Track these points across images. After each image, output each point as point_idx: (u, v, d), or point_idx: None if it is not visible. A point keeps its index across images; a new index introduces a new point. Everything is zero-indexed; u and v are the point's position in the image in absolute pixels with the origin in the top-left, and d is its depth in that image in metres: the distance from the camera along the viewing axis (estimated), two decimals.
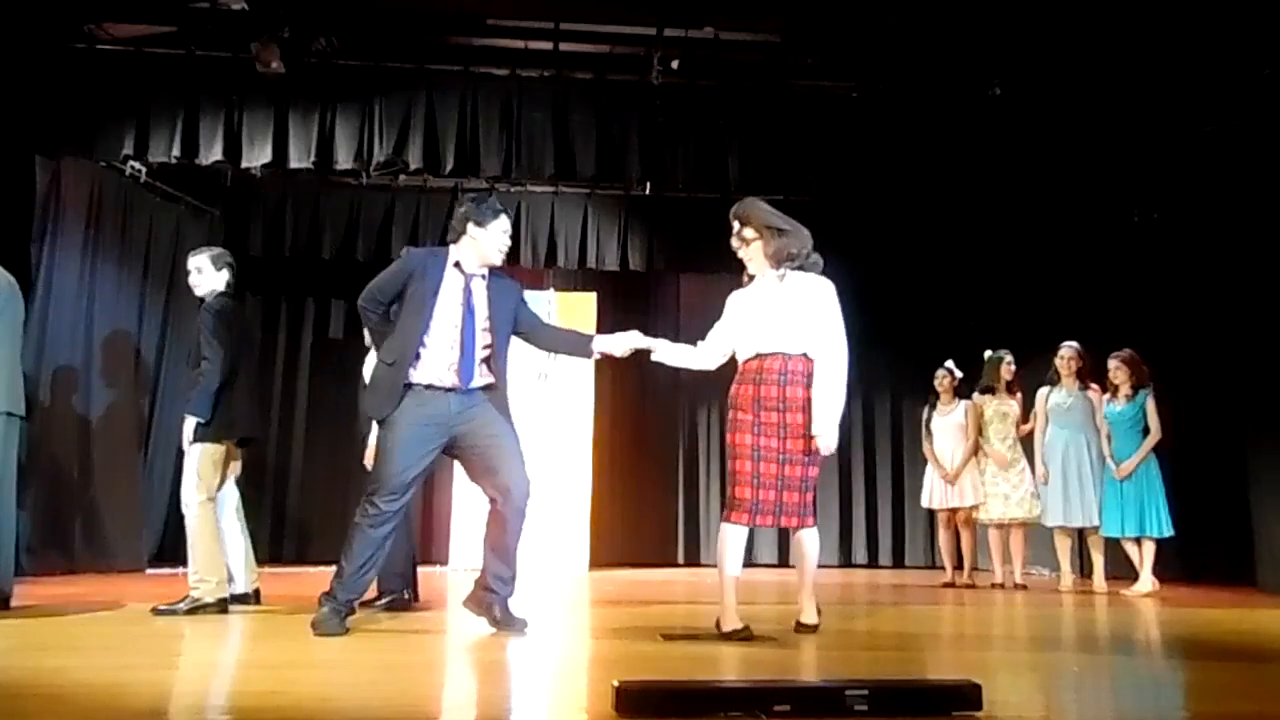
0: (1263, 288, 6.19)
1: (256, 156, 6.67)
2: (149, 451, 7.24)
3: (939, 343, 7.58)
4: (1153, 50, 6.19)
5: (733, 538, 3.63)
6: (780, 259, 3.71)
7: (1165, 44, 6.10)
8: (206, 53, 6.54)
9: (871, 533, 9.35)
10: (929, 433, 7.03)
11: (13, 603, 4.23)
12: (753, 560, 7.13)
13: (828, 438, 3.59)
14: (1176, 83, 6.45)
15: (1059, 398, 6.48)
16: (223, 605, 4.29)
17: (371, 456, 4.15)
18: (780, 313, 3.67)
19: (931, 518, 8.08)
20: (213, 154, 6.60)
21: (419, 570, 4.84)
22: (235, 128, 6.62)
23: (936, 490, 6.94)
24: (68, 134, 6.52)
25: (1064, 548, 6.49)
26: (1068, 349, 6.51)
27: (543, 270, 8.54)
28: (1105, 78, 6.59)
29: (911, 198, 7.39)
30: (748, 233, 3.76)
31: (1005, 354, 6.87)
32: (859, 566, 9.15)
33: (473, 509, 3.83)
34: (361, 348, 4.90)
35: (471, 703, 2.59)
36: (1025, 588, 6.40)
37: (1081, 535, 6.56)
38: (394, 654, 3.29)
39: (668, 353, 3.97)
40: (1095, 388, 6.43)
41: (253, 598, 4.66)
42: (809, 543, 3.78)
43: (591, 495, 8.10)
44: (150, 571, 6.81)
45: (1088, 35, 6.15)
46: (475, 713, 2.43)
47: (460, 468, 3.92)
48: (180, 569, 4.64)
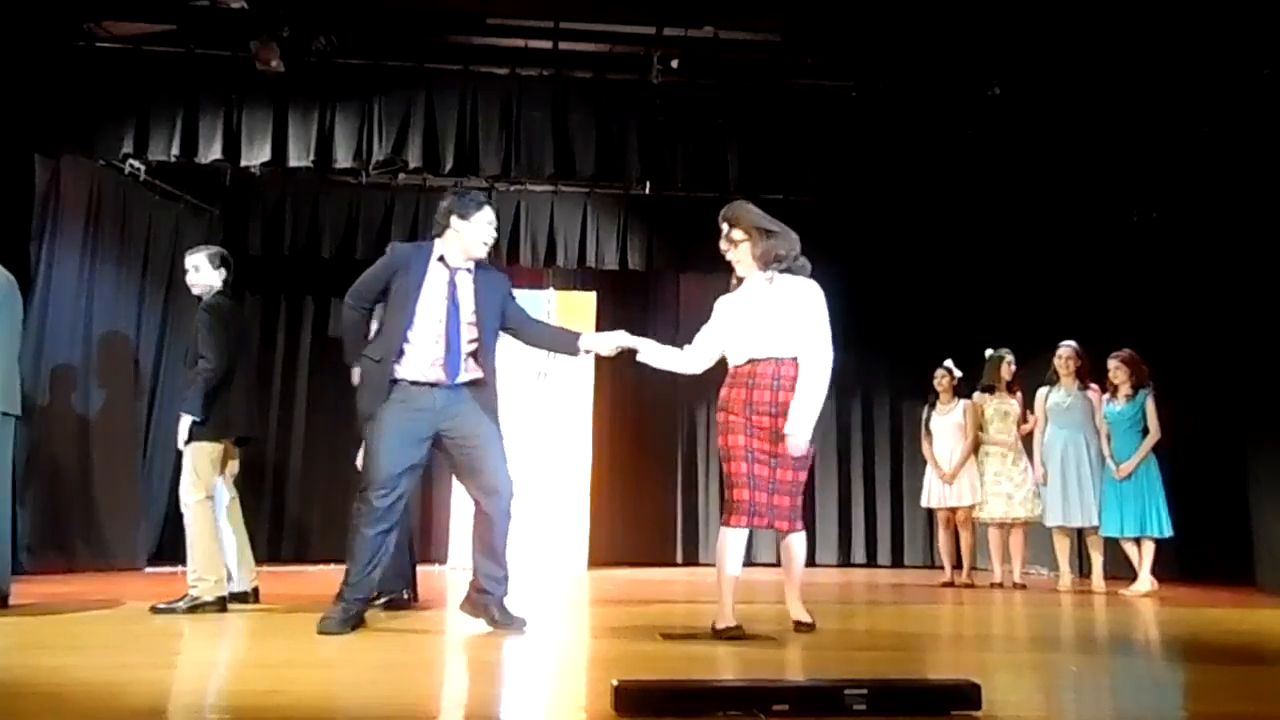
0: (1262, 288, 6.19)
1: (256, 155, 6.67)
2: (148, 450, 7.24)
3: (938, 342, 7.58)
4: (1152, 50, 6.19)
5: (733, 541, 3.62)
6: (768, 260, 3.70)
7: (1164, 44, 6.10)
8: (206, 51, 6.55)
9: (870, 532, 9.34)
10: (928, 432, 7.03)
11: (12, 601, 4.23)
12: (752, 560, 7.11)
13: (797, 438, 3.56)
14: (1176, 82, 6.45)
15: (1058, 397, 6.48)
16: (222, 603, 4.30)
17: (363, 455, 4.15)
18: (771, 317, 3.66)
19: (931, 517, 8.09)
20: (212, 153, 6.60)
21: (418, 569, 4.84)
22: (235, 126, 6.62)
23: (935, 490, 6.93)
24: (67, 132, 6.52)
25: (1063, 548, 6.49)
26: (1065, 348, 6.51)
27: (542, 269, 8.56)
28: (1105, 77, 6.59)
29: (911, 197, 7.38)
30: (736, 234, 3.75)
31: (1006, 353, 6.88)
32: (858, 566, 9.15)
33: (471, 508, 3.82)
34: None
35: (470, 702, 2.59)
36: (1024, 587, 6.41)
37: (1080, 535, 6.57)
38: (393, 653, 3.29)
39: (653, 353, 3.94)
40: (1095, 388, 6.43)
41: (251, 596, 4.65)
42: (798, 547, 3.81)
43: (590, 494, 8.10)
44: (149, 570, 6.81)
45: (1087, 35, 6.15)
46: (474, 712, 2.43)
47: None
48: (179, 568, 4.64)
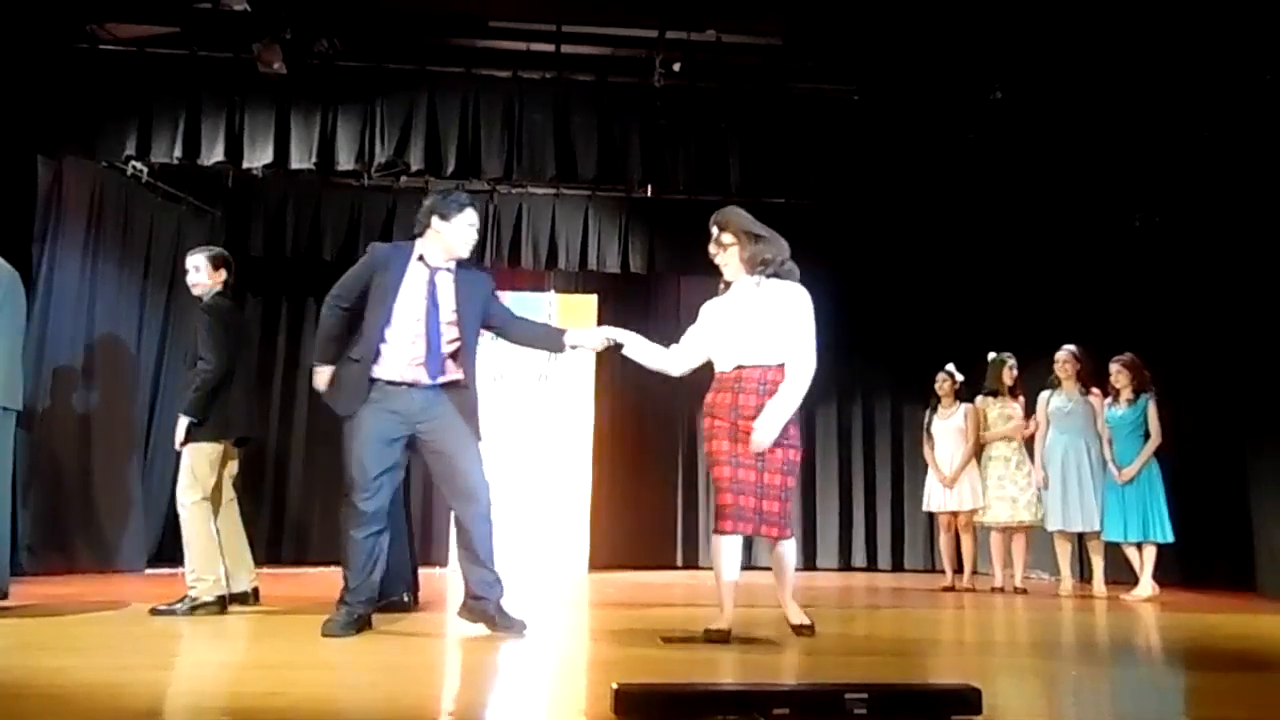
0: (1264, 293, 6.18)
1: (258, 157, 6.66)
2: (149, 451, 7.24)
3: (940, 346, 7.57)
4: (1154, 55, 6.19)
5: (726, 547, 3.63)
6: (755, 264, 3.71)
7: (1166, 49, 6.09)
8: (209, 53, 6.54)
9: (870, 536, 9.32)
10: (929, 436, 7.01)
11: (12, 602, 4.24)
12: (752, 564, 7.12)
13: (762, 435, 3.55)
14: (1177, 87, 6.44)
15: (1059, 402, 6.47)
16: (221, 603, 4.30)
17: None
18: (758, 323, 3.66)
19: (931, 521, 8.08)
20: (214, 154, 6.59)
21: (419, 572, 4.84)
22: (237, 128, 6.61)
23: (936, 494, 6.92)
24: (70, 134, 6.51)
25: (1064, 552, 6.48)
26: (1064, 352, 6.51)
27: (543, 272, 8.56)
28: (1107, 82, 6.58)
29: (912, 201, 7.37)
30: (725, 238, 3.76)
31: (1008, 356, 6.86)
32: (858, 570, 9.13)
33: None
34: None
35: (470, 704, 2.59)
36: (1025, 592, 6.39)
37: (1081, 539, 6.56)
38: (393, 655, 3.29)
39: (639, 349, 3.93)
40: (1096, 392, 6.43)
41: (251, 598, 4.65)
42: (788, 555, 3.80)
43: (591, 497, 8.09)
44: (150, 571, 6.81)
45: (1089, 40, 6.15)
46: (473, 714, 2.43)
47: None
48: (179, 569, 4.64)
